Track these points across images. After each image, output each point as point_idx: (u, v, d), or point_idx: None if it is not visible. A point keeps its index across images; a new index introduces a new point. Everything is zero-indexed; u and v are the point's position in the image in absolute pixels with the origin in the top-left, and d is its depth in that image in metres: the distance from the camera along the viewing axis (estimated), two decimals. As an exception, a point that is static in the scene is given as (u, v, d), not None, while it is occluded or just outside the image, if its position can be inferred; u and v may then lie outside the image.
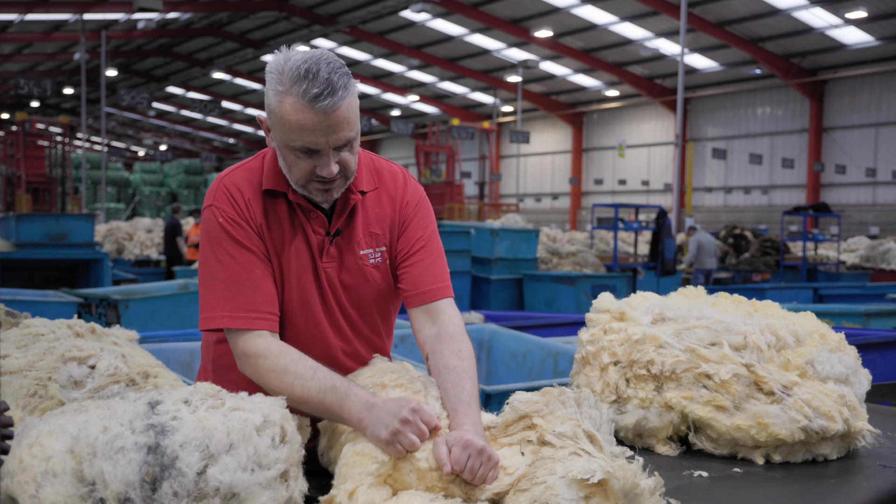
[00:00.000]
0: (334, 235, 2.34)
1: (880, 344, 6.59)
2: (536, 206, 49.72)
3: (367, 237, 2.39)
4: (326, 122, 2.11)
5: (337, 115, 2.11)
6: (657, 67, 39.01)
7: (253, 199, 2.29)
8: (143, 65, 48.92)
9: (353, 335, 2.43)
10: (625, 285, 14.69)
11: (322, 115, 2.09)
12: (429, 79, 45.62)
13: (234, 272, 2.23)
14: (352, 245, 2.37)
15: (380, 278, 2.41)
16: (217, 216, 2.27)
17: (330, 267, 2.35)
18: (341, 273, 2.37)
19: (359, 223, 2.38)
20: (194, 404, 1.89)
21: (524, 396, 2.11)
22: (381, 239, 2.41)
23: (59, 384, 2.59)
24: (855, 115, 36.10)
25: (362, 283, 2.39)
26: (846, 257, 23.05)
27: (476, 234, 15.16)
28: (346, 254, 2.36)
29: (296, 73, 2.10)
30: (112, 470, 1.70)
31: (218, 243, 2.25)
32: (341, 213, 2.34)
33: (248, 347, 2.19)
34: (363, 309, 2.43)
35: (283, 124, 2.13)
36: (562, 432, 1.97)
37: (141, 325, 5.03)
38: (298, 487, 1.92)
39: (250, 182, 2.32)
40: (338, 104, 2.10)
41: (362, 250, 2.38)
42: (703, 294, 3.01)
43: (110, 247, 20.52)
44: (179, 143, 66.12)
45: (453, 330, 2.30)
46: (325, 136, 2.13)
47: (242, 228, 2.26)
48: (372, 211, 2.40)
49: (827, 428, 2.37)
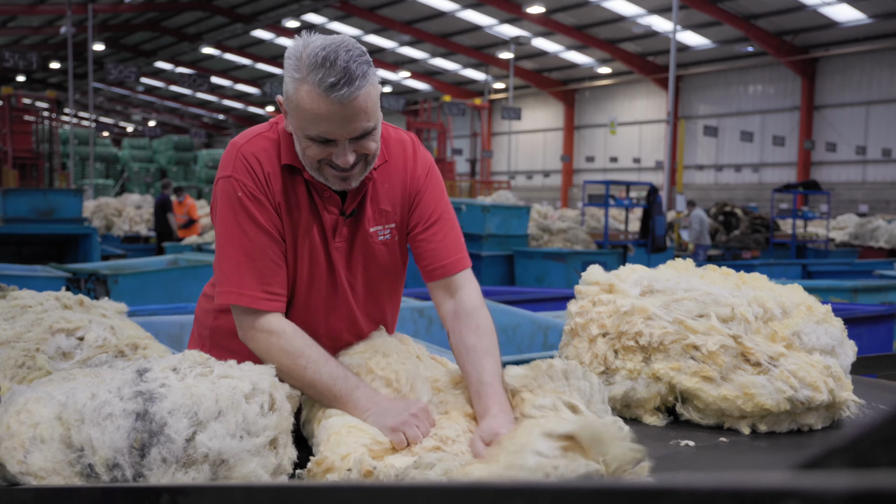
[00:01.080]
0: (349, 216, 2.31)
1: (867, 318, 6.62)
2: (528, 184, 49.69)
3: (376, 214, 2.35)
4: (343, 113, 2.05)
5: (354, 105, 2.05)
6: (649, 45, 38.92)
7: (273, 174, 2.24)
8: (131, 39, 48.54)
9: (359, 312, 2.42)
10: (615, 262, 14.70)
11: (338, 106, 2.03)
12: (420, 55, 45.42)
13: (248, 249, 2.20)
14: (362, 222, 2.33)
15: (387, 254, 2.40)
16: (237, 189, 2.21)
17: (341, 246, 2.32)
18: (351, 252, 2.34)
19: (368, 200, 2.34)
20: (182, 372, 1.89)
21: (514, 371, 2.11)
22: (391, 216, 2.37)
23: (48, 355, 2.59)
24: (846, 93, 36.12)
25: (371, 261, 2.37)
26: (835, 235, 23.10)
27: (467, 211, 15.14)
28: (357, 232, 2.33)
29: (313, 61, 2.03)
30: (100, 436, 1.70)
31: (235, 217, 2.21)
32: (357, 194, 2.30)
33: (260, 323, 2.18)
34: (370, 286, 2.41)
35: (299, 112, 2.08)
36: (542, 405, 1.98)
37: (130, 301, 5.00)
38: (287, 455, 1.93)
39: (269, 154, 2.26)
40: (354, 94, 2.04)
41: (372, 227, 2.34)
42: (691, 266, 3.02)
43: (99, 223, 20.42)
44: (168, 119, 65.74)
45: (471, 305, 2.30)
46: (341, 127, 2.07)
47: (262, 205, 2.22)
48: (381, 187, 2.35)
49: (812, 398, 2.38)
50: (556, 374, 2.09)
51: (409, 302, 6.52)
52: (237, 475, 1.75)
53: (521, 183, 49.16)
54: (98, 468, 1.69)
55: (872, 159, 35.62)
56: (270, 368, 2.02)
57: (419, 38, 41.40)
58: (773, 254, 20.71)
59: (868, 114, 35.58)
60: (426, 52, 44.71)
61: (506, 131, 47.33)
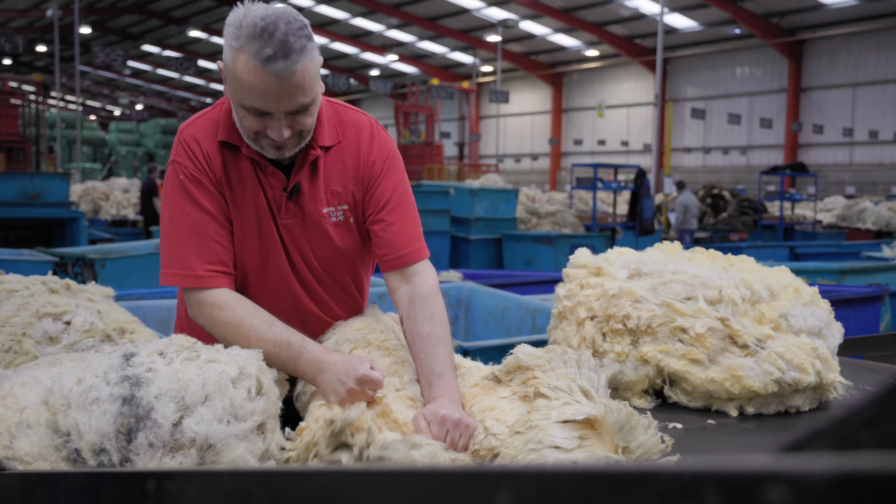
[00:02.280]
0: (292, 192, 2.28)
1: (854, 300, 6.65)
2: (516, 167, 49.66)
3: (328, 195, 2.33)
4: (278, 87, 2.02)
5: (290, 80, 2.03)
6: (637, 27, 38.86)
7: (212, 152, 2.24)
8: (118, 22, 48.20)
9: (323, 291, 2.41)
10: (603, 245, 14.72)
11: (274, 79, 2.01)
12: (408, 38, 45.26)
13: (189, 229, 2.21)
14: (315, 202, 2.31)
15: (342, 237, 2.37)
16: (179, 172, 2.23)
17: (291, 223, 2.31)
18: (303, 230, 2.32)
19: (321, 180, 2.32)
20: (169, 356, 1.88)
21: (529, 350, 2.14)
22: (343, 197, 2.34)
23: (34, 340, 2.58)
24: (833, 75, 36.17)
25: (325, 242, 2.35)
26: (822, 217, 23.18)
27: (455, 194, 15.14)
28: (309, 211, 2.31)
29: (251, 31, 2.01)
30: (87, 421, 1.70)
31: (175, 200, 2.23)
32: (299, 169, 2.28)
33: (202, 297, 2.18)
34: (329, 266, 2.39)
35: (236, 82, 2.06)
36: (557, 386, 1.98)
37: (118, 285, 4.98)
38: (275, 440, 1.92)
39: (208, 133, 2.26)
40: (291, 68, 2.01)
41: (324, 208, 2.32)
42: (679, 249, 3.02)
43: (86, 207, 20.30)
44: (156, 102, 65.38)
45: (426, 292, 2.28)
46: (277, 101, 2.05)
47: (201, 185, 2.22)
48: (333, 168, 2.33)
49: (799, 380, 2.39)
50: (570, 361, 2.11)
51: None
52: (224, 460, 1.75)
53: (509, 166, 49.12)
54: (85, 453, 1.69)
55: (859, 141, 35.71)
56: (258, 353, 2.02)
57: (407, 21, 41.24)
58: (760, 236, 20.77)
59: (855, 96, 35.64)
60: (414, 35, 44.55)
61: (494, 114, 47.26)
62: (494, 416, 1.99)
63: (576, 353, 2.16)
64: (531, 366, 2.10)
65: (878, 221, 20.91)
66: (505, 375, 2.14)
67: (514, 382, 2.11)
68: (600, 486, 0.57)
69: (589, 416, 1.79)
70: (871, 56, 34.73)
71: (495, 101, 35.71)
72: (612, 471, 0.57)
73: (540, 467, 0.63)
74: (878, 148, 35.34)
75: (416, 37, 44.78)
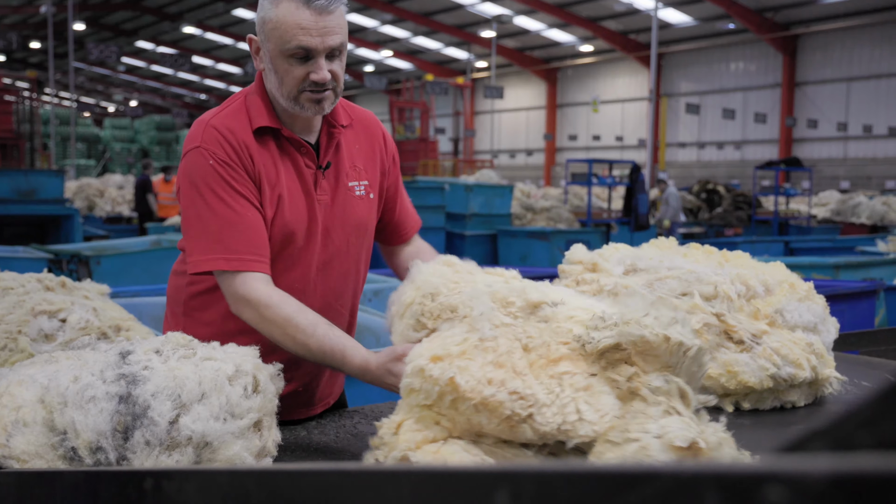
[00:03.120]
0: (325, 168, 2.39)
1: (849, 295, 6.66)
2: (511, 162, 49.66)
3: (352, 169, 2.46)
4: (322, 23, 2.19)
5: (331, 17, 2.21)
6: (631, 22, 38.86)
7: (248, 141, 2.28)
8: (112, 18, 48.10)
9: (340, 265, 2.46)
10: (599, 240, 14.72)
11: (317, 15, 2.19)
12: (402, 34, 45.22)
13: (227, 216, 2.21)
14: (340, 177, 2.43)
15: (364, 211, 2.48)
16: (208, 158, 2.23)
17: (324, 199, 2.39)
18: (333, 206, 2.40)
19: (344, 156, 2.45)
20: (165, 354, 1.88)
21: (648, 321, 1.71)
22: (364, 173, 2.49)
23: (30, 337, 2.58)
24: (827, 69, 36.20)
25: (350, 214, 2.44)
26: (817, 211, 23.21)
27: (450, 190, 15.14)
28: (337, 186, 2.42)
29: None
30: (83, 419, 1.70)
31: (209, 186, 2.22)
32: (328, 147, 2.40)
33: (247, 292, 2.17)
34: (348, 241, 2.46)
35: (279, 28, 2.20)
36: (657, 387, 1.69)
37: (113, 282, 4.97)
38: (272, 437, 1.92)
39: (240, 123, 2.30)
40: (332, 4, 2.20)
41: (350, 182, 2.44)
42: (674, 245, 3.02)
43: (81, 204, 20.27)
44: (150, 98, 65.30)
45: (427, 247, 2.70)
46: (321, 37, 2.20)
47: (236, 171, 2.24)
48: (354, 146, 2.49)
49: (795, 375, 2.39)
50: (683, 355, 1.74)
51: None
52: (221, 458, 1.75)
53: (504, 162, 49.13)
54: (81, 451, 1.69)
55: (853, 135, 35.75)
56: (254, 350, 2.02)
57: (401, 16, 41.21)
58: (755, 231, 20.81)
59: (849, 90, 35.68)
60: (408, 30, 44.52)
61: (488, 110, 47.27)
62: (586, 400, 1.67)
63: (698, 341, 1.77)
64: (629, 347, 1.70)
65: (872, 216, 20.93)
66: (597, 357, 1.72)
67: (603, 360, 1.72)
68: (599, 486, 0.57)
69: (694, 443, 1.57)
70: (865, 50, 34.77)
71: (490, 96, 35.72)
72: (612, 471, 0.57)
73: (539, 467, 0.63)
74: (873, 142, 35.39)
75: (411, 32, 44.75)
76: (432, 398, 1.70)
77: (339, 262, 2.45)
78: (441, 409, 1.70)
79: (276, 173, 2.31)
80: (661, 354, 1.71)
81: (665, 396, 1.69)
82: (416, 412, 1.73)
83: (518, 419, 1.64)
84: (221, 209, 2.21)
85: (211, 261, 2.20)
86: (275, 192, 2.30)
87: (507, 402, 1.64)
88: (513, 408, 1.64)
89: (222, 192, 2.22)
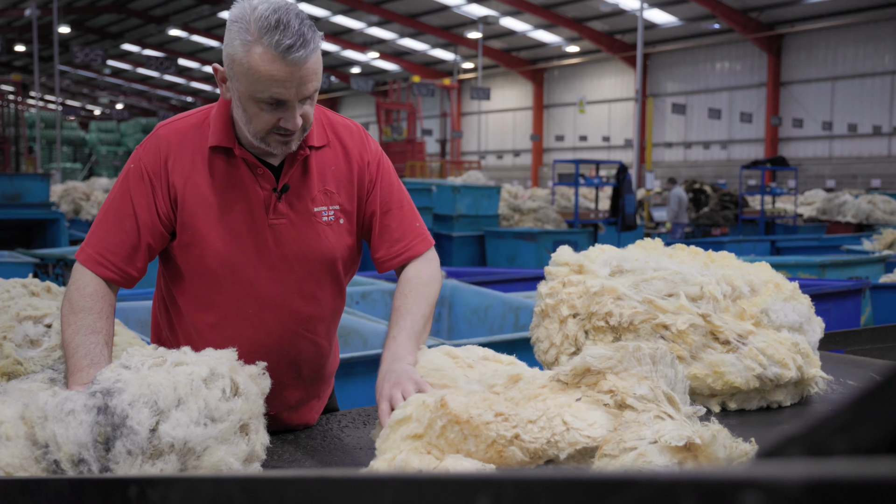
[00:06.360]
0: (281, 191, 2.30)
1: (834, 294, 6.69)
2: (498, 163, 49.71)
3: (321, 194, 2.35)
4: (298, 74, 2.09)
5: (307, 67, 2.10)
6: (617, 23, 38.96)
7: (186, 156, 2.28)
8: (97, 21, 47.97)
9: (302, 290, 2.38)
10: (586, 241, 14.75)
11: (294, 67, 2.08)
12: (389, 35, 45.22)
13: (111, 217, 2.29)
14: (305, 202, 2.33)
15: (332, 236, 2.37)
16: (137, 159, 2.30)
17: (279, 223, 2.31)
18: (292, 230, 2.33)
19: (314, 179, 2.34)
20: (134, 366, 1.87)
21: (597, 352, 1.92)
22: (336, 197, 2.37)
23: (15, 343, 2.56)
24: (812, 68, 36.38)
25: (314, 240, 2.35)
26: (803, 210, 23.28)
27: (438, 192, 15.14)
28: (299, 211, 2.33)
29: (265, 23, 2.06)
30: (64, 432, 1.69)
31: (120, 182, 2.31)
32: (289, 169, 2.31)
33: (76, 277, 2.28)
34: (310, 266, 2.37)
35: (252, 75, 2.09)
36: (642, 395, 1.81)
37: (99, 286, 4.97)
38: (260, 440, 1.90)
39: (190, 137, 2.30)
40: (309, 56, 2.09)
41: (316, 207, 2.34)
42: (660, 246, 3.03)
43: (67, 207, 20.16)
44: (136, 101, 65.14)
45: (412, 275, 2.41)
46: (296, 88, 2.11)
47: (145, 183, 2.27)
48: (328, 168, 2.37)
49: (781, 375, 2.40)
50: (644, 358, 1.93)
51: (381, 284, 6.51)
52: (206, 464, 1.74)
53: (491, 163, 49.18)
54: (64, 464, 1.68)
55: (839, 134, 35.93)
56: (230, 352, 2.01)
57: (387, 18, 41.19)
58: (742, 230, 20.88)
59: (834, 89, 35.86)
60: (394, 32, 44.52)
61: (475, 111, 47.28)
62: (573, 413, 1.79)
63: (649, 347, 1.97)
64: (602, 369, 1.89)
65: (858, 214, 21.01)
66: (571, 379, 1.92)
67: (583, 386, 1.90)
68: (579, 492, 0.57)
69: (690, 441, 1.65)
70: (850, 50, 34.96)
71: (476, 97, 35.73)
72: (591, 477, 0.57)
73: (519, 472, 0.63)
74: (858, 141, 35.58)
75: (397, 34, 44.76)
76: (424, 425, 1.76)
77: (298, 287, 2.37)
78: (432, 438, 1.75)
79: (223, 192, 2.28)
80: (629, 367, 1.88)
81: (653, 403, 1.78)
82: (408, 444, 1.78)
83: (504, 441, 1.70)
84: (109, 208, 2.31)
85: (84, 252, 2.32)
86: (221, 211, 2.29)
87: (492, 424, 1.72)
88: (497, 429, 1.72)
89: (120, 194, 2.30)
